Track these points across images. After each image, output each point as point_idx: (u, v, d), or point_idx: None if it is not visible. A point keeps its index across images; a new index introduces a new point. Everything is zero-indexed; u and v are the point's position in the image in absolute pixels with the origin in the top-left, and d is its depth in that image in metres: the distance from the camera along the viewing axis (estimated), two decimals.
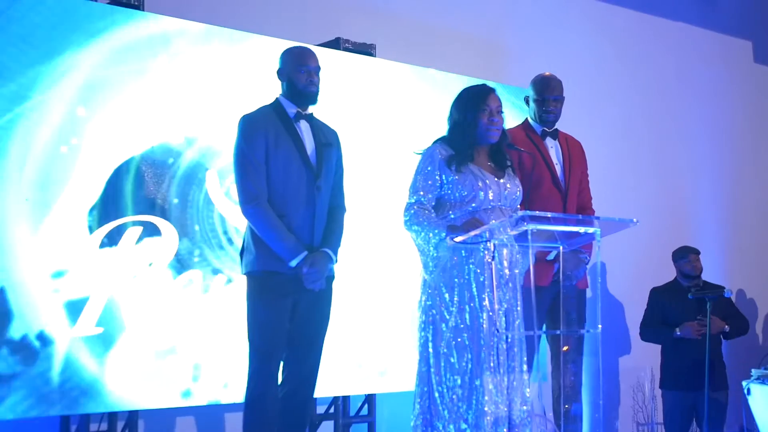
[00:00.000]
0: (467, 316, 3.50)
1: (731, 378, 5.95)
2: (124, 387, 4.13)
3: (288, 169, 3.63)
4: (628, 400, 6.58)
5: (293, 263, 3.56)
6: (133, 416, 4.25)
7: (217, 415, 4.72)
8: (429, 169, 3.62)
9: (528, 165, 4.18)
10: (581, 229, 3.52)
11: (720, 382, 5.76)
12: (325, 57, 4.78)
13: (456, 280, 3.53)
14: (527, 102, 4.46)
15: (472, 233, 3.41)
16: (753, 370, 5.44)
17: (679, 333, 5.71)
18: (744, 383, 5.39)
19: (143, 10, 4.37)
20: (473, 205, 3.58)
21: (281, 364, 3.68)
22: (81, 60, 4.12)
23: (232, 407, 4.55)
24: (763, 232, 7.83)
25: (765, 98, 8.07)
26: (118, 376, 4.11)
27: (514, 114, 5.46)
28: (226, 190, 4.48)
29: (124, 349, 4.14)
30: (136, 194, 4.24)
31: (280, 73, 3.79)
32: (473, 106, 3.66)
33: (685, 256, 5.98)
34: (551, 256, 4.08)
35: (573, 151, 4.44)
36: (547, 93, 4.36)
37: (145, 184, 4.27)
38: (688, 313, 5.75)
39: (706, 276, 6.16)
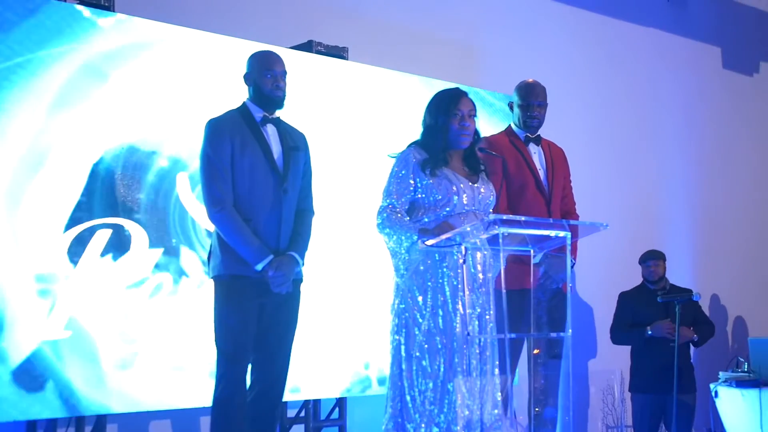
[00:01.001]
0: (440, 320, 3.50)
1: (699, 381, 6.00)
2: (92, 390, 4.09)
3: (254, 174, 3.63)
4: (597, 403, 6.62)
5: (259, 267, 3.56)
6: (101, 420, 4.21)
7: (193, 419, 4.69)
8: (403, 173, 3.62)
9: (514, 170, 4.22)
10: (552, 233, 3.54)
11: (688, 385, 5.82)
12: (298, 60, 4.79)
13: (429, 283, 3.54)
14: (511, 108, 4.48)
15: (444, 236, 3.42)
16: (721, 373, 5.50)
17: (650, 332, 5.75)
18: (712, 386, 5.45)
19: (113, 11, 4.34)
20: (447, 209, 3.59)
21: (249, 367, 3.67)
22: (49, 61, 4.08)
23: (207, 411, 4.52)
24: (731, 236, 7.92)
25: (733, 104, 8.17)
26: (86, 380, 4.07)
27: (487, 118, 5.49)
28: (197, 194, 4.46)
29: (93, 352, 4.10)
30: (107, 197, 4.21)
31: (247, 78, 3.79)
32: (445, 110, 3.67)
33: (646, 261, 6.06)
34: (537, 260, 4.10)
35: (556, 157, 4.48)
36: (532, 98, 4.39)
37: (116, 187, 4.24)
38: (657, 317, 5.80)
39: (675, 279, 6.22)
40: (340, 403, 5.15)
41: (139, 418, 4.49)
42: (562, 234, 3.53)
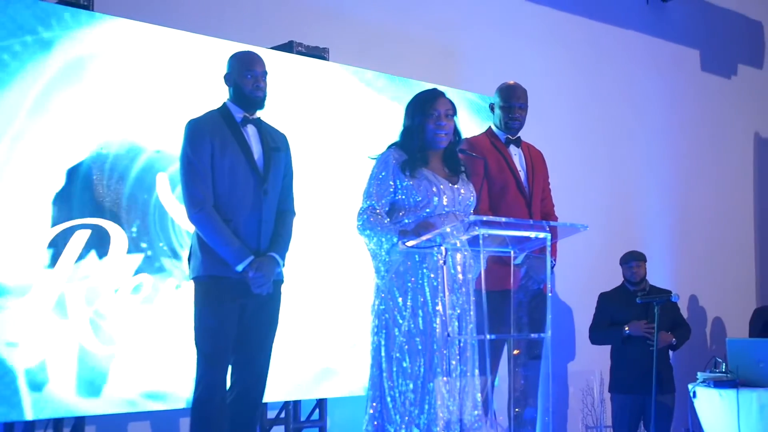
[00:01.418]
0: (420, 321, 3.51)
1: (678, 381, 6.04)
2: (70, 392, 4.06)
3: (234, 174, 3.63)
4: (577, 404, 6.65)
5: (239, 268, 3.55)
6: (79, 422, 4.19)
7: (172, 420, 4.67)
8: (383, 174, 3.63)
9: (496, 172, 4.24)
10: (532, 234, 3.56)
11: (667, 386, 5.86)
12: (278, 60, 4.78)
13: (409, 284, 3.54)
14: (492, 109, 4.51)
15: (424, 237, 3.42)
16: (699, 374, 5.52)
17: (627, 331, 5.79)
18: (690, 386, 5.48)
19: (93, 10, 4.32)
20: (427, 210, 3.59)
21: (229, 368, 3.66)
22: (26, 60, 4.05)
23: (186, 412, 4.50)
24: (710, 238, 7.98)
25: (711, 106, 8.22)
26: (64, 382, 4.05)
27: (468, 118, 5.50)
28: (177, 194, 4.44)
29: (71, 352, 4.07)
30: (86, 197, 4.18)
31: (227, 78, 3.79)
32: (421, 111, 3.68)
33: (628, 261, 6.09)
34: (518, 261, 4.11)
35: (535, 159, 4.52)
36: (513, 100, 4.42)
37: (94, 188, 4.21)
38: (636, 318, 5.84)
39: (654, 280, 6.25)
40: (321, 404, 5.15)
41: (118, 420, 4.46)
42: (542, 235, 3.54)
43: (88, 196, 4.19)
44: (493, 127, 4.50)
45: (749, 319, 7.30)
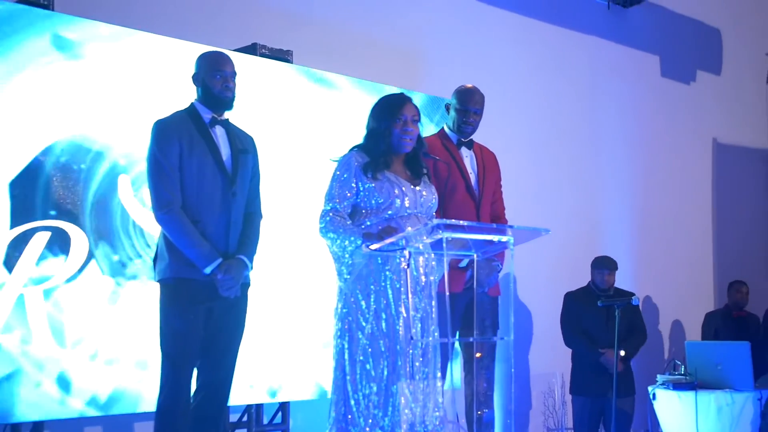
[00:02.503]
0: (383, 323, 3.51)
1: (637, 384, 6.11)
2: (28, 396, 4.00)
3: (202, 175, 3.59)
4: (539, 406, 6.69)
5: (207, 270, 3.52)
6: (38, 427, 4.13)
7: (127, 424, 4.62)
8: (345, 176, 3.63)
9: (443, 173, 4.22)
10: (495, 238, 3.57)
11: (627, 388, 5.93)
12: (242, 62, 4.75)
13: (372, 287, 3.54)
14: (447, 110, 4.49)
15: (388, 241, 3.43)
16: (659, 376, 5.59)
17: (602, 360, 5.86)
18: (650, 388, 5.54)
19: (53, 10, 4.27)
20: (389, 212, 3.60)
21: (194, 372, 3.63)
22: None
23: (141, 416, 4.47)
24: (670, 241, 8.07)
25: (671, 111, 8.32)
26: (22, 385, 3.99)
27: (427, 122, 5.51)
28: (140, 197, 4.40)
29: (30, 356, 4.02)
30: (47, 199, 4.14)
31: (195, 78, 3.74)
32: (388, 115, 3.68)
33: (601, 268, 6.15)
34: (463, 264, 4.13)
35: (487, 161, 4.50)
36: (471, 105, 4.41)
37: (55, 189, 4.16)
38: (598, 319, 5.93)
39: (617, 282, 6.32)
40: (283, 407, 5.13)
41: (72, 424, 4.40)
42: (504, 239, 3.56)
43: (48, 198, 4.14)
44: (446, 129, 4.49)
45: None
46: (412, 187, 3.68)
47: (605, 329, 5.92)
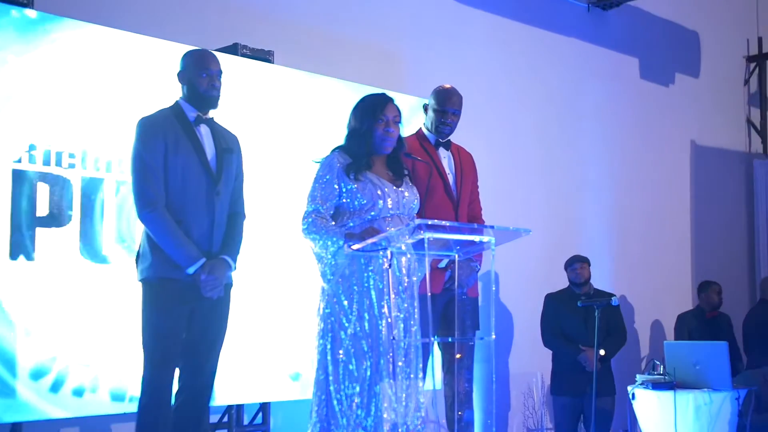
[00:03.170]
0: (366, 324, 3.52)
1: (617, 383, 6.15)
2: (3, 398, 3.98)
3: (187, 174, 3.56)
4: (519, 406, 6.71)
5: (191, 270, 3.50)
6: (16, 429, 4.10)
7: (104, 426, 4.60)
8: (327, 177, 3.63)
9: (423, 174, 4.22)
10: (476, 238, 3.58)
11: (607, 388, 5.97)
12: (223, 62, 4.74)
13: (355, 287, 3.55)
14: (425, 110, 4.48)
15: (369, 241, 3.43)
16: (638, 376, 5.63)
17: (579, 358, 5.91)
18: (629, 388, 5.57)
19: (33, 8, 4.24)
20: (372, 213, 3.60)
21: (176, 372, 3.61)
22: None
23: (118, 417, 4.44)
24: (648, 242, 8.12)
25: (650, 113, 8.38)
26: None
27: (410, 124, 5.52)
28: (121, 199, 4.38)
29: (7, 358, 4.00)
30: (28, 203, 4.10)
31: (181, 76, 3.71)
32: (370, 115, 3.68)
33: (572, 264, 6.23)
34: (443, 264, 4.14)
35: (464, 162, 4.51)
36: (448, 105, 4.40)
37: (36, 193, 4.13)
38: (578, 320, 5.97)
39: (597, 283, 6.36)
40: (264, 408, 5.12)
41: (49, 426, 4.37)
42: (486, 239, 3.57)
43: (31, 202, 4.11)
44: (424, 129, 4.48)
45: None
46: (394, 188, 3.68)
47: (584, 330, 5.98)
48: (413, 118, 5.64)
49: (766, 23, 9.61)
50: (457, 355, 4.12)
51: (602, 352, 5.91)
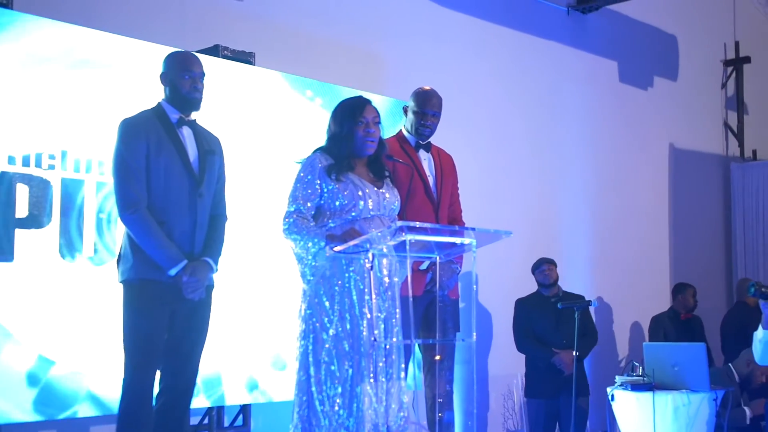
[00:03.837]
0: (347, 324, 3.52)
1: (598, 385, 6.19)
2: None
3: (169, 176, 3.56)
4: (498, 408, 6.73)
5: (173, 272, 3.49)
6: None
7: (83, 428, 4.58)
8: (309, 178, 3.63)
9: (404, 176, 4.23)
10: (458, 240, 3.60)
11: (582, 389, 6.02)
12: (204, 64, 4.73)
13: (336, 288, 3.55)
14: (405, 112, 4.48)
15: (351, 243, 3.44)
16: (617, 377, 5.67)
17: (553, 360, 5.97)
18: (609, 389, 5.61)
19: (12, 8, 4.22)
20: (353, 214, 3.61)
21: (158, 374, 3.60)
22: None
23: (98, 420, 4.42)
24: (628, 244, 8.17)
25: (629, 116, 8.43)
26: None
27: (390, 126, 5.53)
28: (101, 200, 4.37)
29: None
30: (8, 204, 4.08)
31: (163, 78, 3.70)
32: (350, 118, 3.69)
33: (540, 266, 6.29)
34: (424, 266, 4.15)
35: (445, 164, 4.51)
36: (428, 107, 4.40)
37: (16, 194, 4.11)
38: (550, 322, 6.08)
39: (575, 285, 6.39)
40: (244, 410, 5.11)
41: (28, 429, 4.34)
42: (467, 241, 3.58)
43: (10, 204, 4.09)
44: (404, 131, 4.48)
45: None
46: (375, 189, 3.69)
47: (556, 332, 6.05)
48: (393, 120, 5.66)
49: (744, 28, 9.70)
50: (437, 357, 4.13)
51: (575, 353, 5.96)
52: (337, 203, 3.61)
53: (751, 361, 6.18)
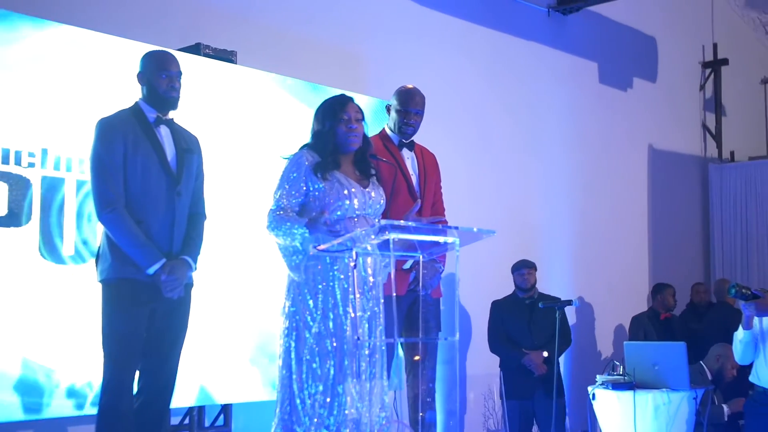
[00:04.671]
0: (331, 323, 3.51)
1: (576, 384, 6.21)
2: None
3: (147, 175, 3.55)
4: (478, 407, 6.74)
5: (151, 271, 3.48)
6: None
7: (60, 428, 4.54)
8: (294, 175, 3.62)
9: (388, 175, 4.22)
10: (441, 239, 3.59)
11: (556, 389, 6.04)
12: (185, 62, 4.71)
13: (320, 286, 3.54)
14: (388, 111, 4.48)
15: (336, 242, 3.43)
16: (598, 376, 5.68)
17: (524, 361, 6.02)
18: (589, 389, 5.62)
19: None
20: (338, 212, 3.60)
21: (137, 373, 3.58)
22: None
23: (77, 420, 4.39)
24: (607, 244, 8.21)
25: (608, 117, 8.47)
26: None
27: (372, 125, 5.52)
28: (81, 199, 4.33)
29: None
30: None
31: (140, 77, 3.69)
32: (331, 116, 3.68)
33: (520, 269, 6.32)
34: (407, 266, 4.14)
35: (428, 163, 4.51)
36: (411, 105, 4.39)
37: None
38: (522, 324, 6.14)
39: (554, 286, 6.41)
40: (225, 409, 5.09)
41: (5, 429, 4.30)
42: (451, 240, 3.58)
43: None
44: (387, 130, 4.47)
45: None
46: (361, 188, 3.69)
47: (528, 334, 6.10)
48: (375, 119, 5.65)
49: (722, 30, 9.79)
50: (416, 357, 4.13)
51: (545, 353, 5.99)
52: (323, 201, 3.59)
53: (721, 355, 6.25)
